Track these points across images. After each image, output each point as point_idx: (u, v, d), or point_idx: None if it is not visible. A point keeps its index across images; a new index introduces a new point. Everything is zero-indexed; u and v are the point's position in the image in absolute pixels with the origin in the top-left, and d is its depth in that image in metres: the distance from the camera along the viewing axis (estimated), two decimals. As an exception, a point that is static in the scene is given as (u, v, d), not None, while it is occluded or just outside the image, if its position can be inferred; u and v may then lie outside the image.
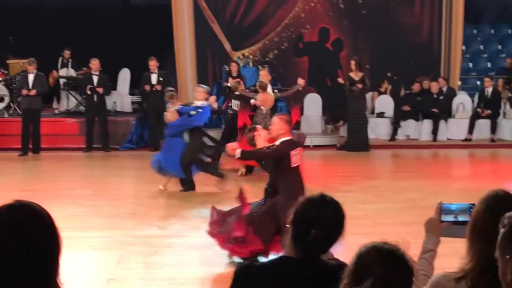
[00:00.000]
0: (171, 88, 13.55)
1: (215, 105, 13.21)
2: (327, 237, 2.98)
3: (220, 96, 18.11)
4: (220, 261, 7.98)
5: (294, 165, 7.88)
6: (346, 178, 13.65)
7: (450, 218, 3.35)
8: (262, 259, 7.17)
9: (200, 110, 12.06)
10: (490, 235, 2.55)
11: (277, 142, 7.85)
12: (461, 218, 3.28)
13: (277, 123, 7.91)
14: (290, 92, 14.47)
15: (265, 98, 13.79)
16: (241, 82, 15.07)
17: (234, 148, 8.27)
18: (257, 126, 8.89)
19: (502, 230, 2.05)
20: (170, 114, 12.09)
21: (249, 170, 13.78)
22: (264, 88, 13.82)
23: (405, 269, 2.40)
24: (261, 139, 8.25)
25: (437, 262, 3.42)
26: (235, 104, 14.99)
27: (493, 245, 2.12)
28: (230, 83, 15.42)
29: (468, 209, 3.22)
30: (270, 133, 8.07)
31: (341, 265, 3.00)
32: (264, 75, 14.83)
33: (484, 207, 2.96)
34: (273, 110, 13.84)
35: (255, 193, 12.44)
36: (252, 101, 13.91)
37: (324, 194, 3.06)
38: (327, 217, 2.97)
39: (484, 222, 2.84)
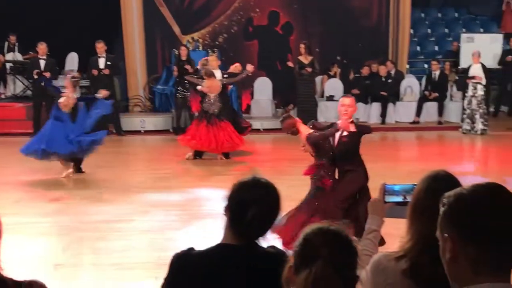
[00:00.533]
0: (76, 75, 13.54)
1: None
2: (263, 219, 2.97)
3: (169, 80, 18.03)
4: (168, 246, 7.94)
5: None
6: (296, 161, 13.64)
7: (394, 199, 3.38)
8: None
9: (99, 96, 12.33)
10: (430, 214, 2.56)
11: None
12: (404, 199, 3.30)
13: None
14: (238, 78, 14.42)
15: (211, 84, 13.71)
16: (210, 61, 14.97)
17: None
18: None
19: (441, 209, 2.06)
20: (66, 100, 11.89)
21: (198, 154, 13.74)
22: (209, 75, 13.74)
23: (350, 249, 2.42)
24: (304, 126, 8.33)
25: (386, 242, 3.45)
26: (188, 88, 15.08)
27: (433, 224, 2.14)
28: (200, 63, 15.31)
29: (411, 189, 3.23)
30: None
31: (278, 252, 3.02)
32: (213, 61, 14.74)
33: (424, 186, 2.98)
34: (222, 95, 13.77)
35: (204, 176, 12.50)
36: (199, 87, 13.85)
37: (257, 177, 3.05)
38: (261, 199, 2.95)
39: (425, 202, 2.87)
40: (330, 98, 18.52)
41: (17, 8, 19.34)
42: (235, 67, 14.95)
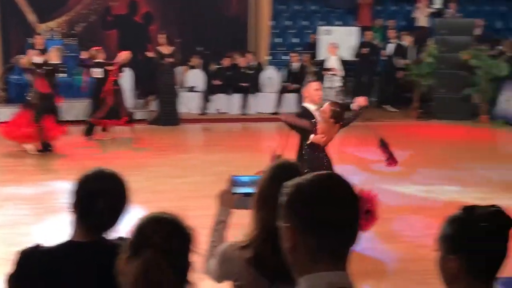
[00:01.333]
0: None
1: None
2: (112, 211, 2.89)
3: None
4: (21, 240, 7.65)
5: None
6: (156, 153, 13.58)
7: (242, 190, 3.38)
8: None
9: None
10: (274, 204, 2.57)
11: None
12: (252, 190, 3.30)
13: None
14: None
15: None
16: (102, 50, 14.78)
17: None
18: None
19: (281, 199, 2.06)
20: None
21: (45, 147, 13.24)
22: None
23: (184, 236, 2.38)
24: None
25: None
26: (96, 72, 14.73)
27: (276, 214, 2.13)
28: (90, 52, 15.03)
29: (258, 181, 3.25)
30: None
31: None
32: (52, 53, 14.41)
33: (269, 176, 3.01)
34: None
35: (57, 170, 12.14)
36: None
37: (102, 168, 2.97)
38: (108, 190, 2.89)
39: (269, 191, 2.88)
40: (192, 89, 18.48)
41: None
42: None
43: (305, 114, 8.02)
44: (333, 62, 17.50)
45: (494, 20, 22.66)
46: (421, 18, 21.29)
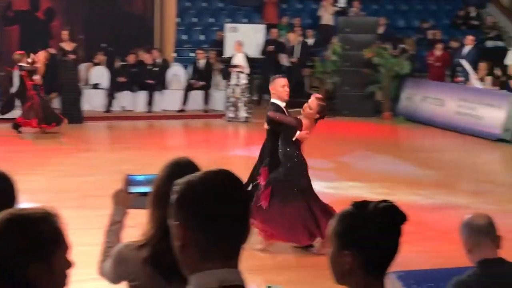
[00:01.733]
0: None
1: None
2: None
3: None
4: None
5: None
6: (59, 151, 13.30)
7: (138, 189, 3.31)
8: None
9: None
10: (169, 202, 2.53)
11: None
12: (148, 190, 3.23)
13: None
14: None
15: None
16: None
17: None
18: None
19: (172, 197, 2.02)
20: None
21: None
22: None
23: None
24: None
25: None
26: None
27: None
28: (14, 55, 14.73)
29: (154, 179, 3.19)
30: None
31: None
32: None
33: (165, 174, 2.97)
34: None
35: None
36: None
37: None
38: None
39: (165, 189, 2.81)
40: (96, 86, 18.18)
41: None
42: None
43: (279, 111, 7.79)
44: (239, 60, 17.52)
45: (396, 18, 23.18)
46: (326, 16, 21.57)
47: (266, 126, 8.02)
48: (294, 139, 7.54)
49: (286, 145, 7.63)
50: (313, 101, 7.61)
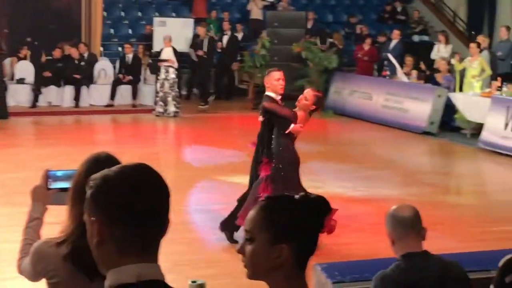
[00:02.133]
0: None
1: None
2: None
3: None
4: None
5: None
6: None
7: (58, 185, 3.24)
8: None
9: None
10: (88, 197, 2.48)
11: None
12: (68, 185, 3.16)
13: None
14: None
15: None
16: None
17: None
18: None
19: (88, 192, 1.97)
20: None
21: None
22: None
23: None
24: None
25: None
26: None
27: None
28: None
29: (74, 175, 3.13)
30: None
31: None
32: None
33: (84, 169, 2.93)
34: None
35: None
36: None
37: None
38: None
39: (83, 185, 2.75)
40: (21, 81, 17.80)
41: None
42: None
43: (274, 103, 7.66)
44: (168, 54, 17.39)
45: (325, 13, 23.40)
46: (255, 10, 21.62)
47: (260, 118, 7.89)
48: (287, 132, 7.47)
49: (279, 137, 7.55)
50: (308, 92, 7.58)
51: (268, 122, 7.70)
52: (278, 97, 7.72)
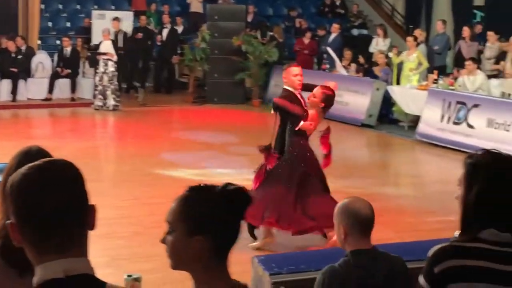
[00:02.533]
0: None
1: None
2: None
3: None
4: None
5: None
6: None
7: None
8: None
9: None
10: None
11: None
12: None
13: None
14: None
15: None
16: None
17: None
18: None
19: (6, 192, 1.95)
20: None
21: None
22: None
23: None
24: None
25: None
26: None
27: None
28: None
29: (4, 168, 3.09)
30: None
31: None
32: None
33: (15, 162, 2.91)
34: None
35: None
36: None
37: None
38: None
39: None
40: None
41: None
42: None
43: (291, 98, 7.53)
44: (107, 47, 17.21)
45: (265, 6, 23.45)
46: (195, 3, 21.55)
47: (272, 111, 7.86)
48: (297, 128, 7.39)
49: (291, 134, 7.50)
50: (317, 89, 7.51)
51: (281, 118, 7.69)
52: (297, 92, 7.65)
